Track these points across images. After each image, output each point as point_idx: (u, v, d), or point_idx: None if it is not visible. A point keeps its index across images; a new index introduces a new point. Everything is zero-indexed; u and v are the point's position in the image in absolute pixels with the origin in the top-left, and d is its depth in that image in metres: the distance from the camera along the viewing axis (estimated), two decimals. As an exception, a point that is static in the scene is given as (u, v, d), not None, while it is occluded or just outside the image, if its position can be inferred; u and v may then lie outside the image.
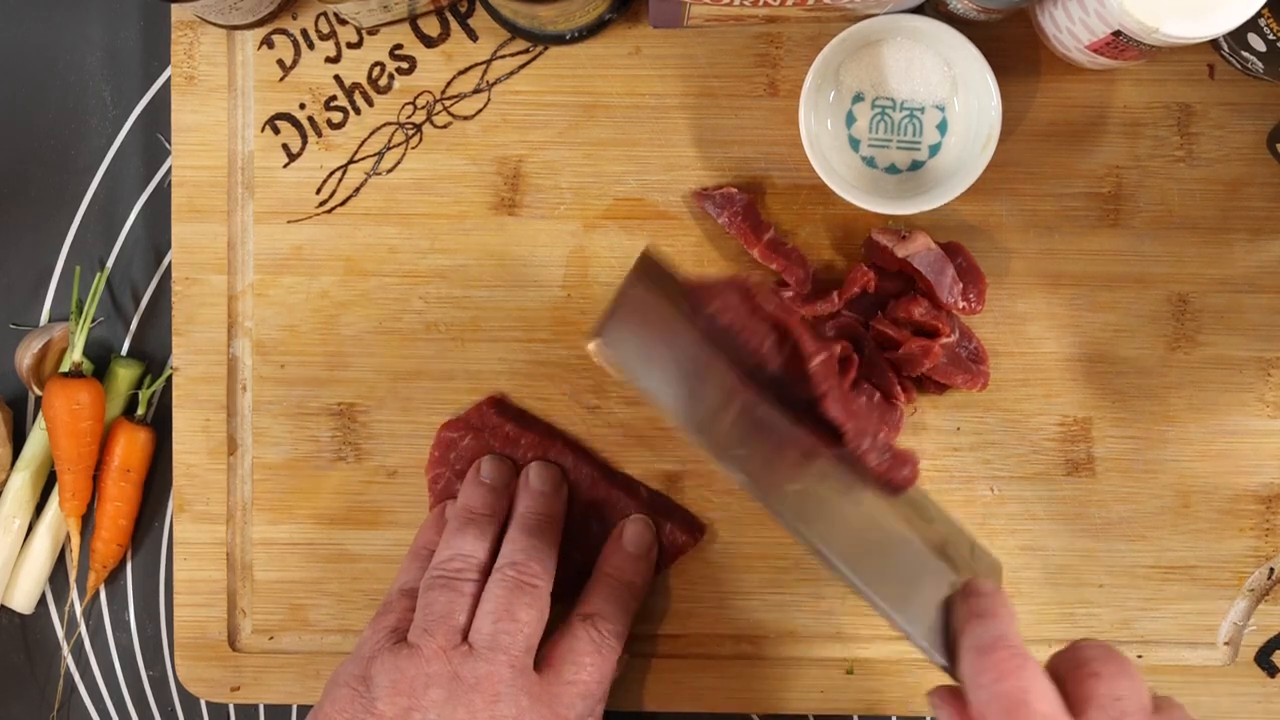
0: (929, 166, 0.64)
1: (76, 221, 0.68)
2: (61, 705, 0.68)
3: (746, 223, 0.63)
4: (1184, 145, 0.65)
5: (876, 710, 0.66)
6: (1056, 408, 0.65)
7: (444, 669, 0.55)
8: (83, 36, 0.67)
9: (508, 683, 0.55)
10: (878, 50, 0.63)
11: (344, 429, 0.66)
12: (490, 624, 0.56)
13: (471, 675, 0.55)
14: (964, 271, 0.63)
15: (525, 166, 0.65)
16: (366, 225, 0.65)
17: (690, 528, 0.65)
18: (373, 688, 0.55)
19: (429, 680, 0.55)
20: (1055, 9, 0.60)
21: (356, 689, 0.55)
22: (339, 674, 0.57)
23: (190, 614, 0.66)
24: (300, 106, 0.65)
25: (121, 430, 0.66)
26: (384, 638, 0.57)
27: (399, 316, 0.65)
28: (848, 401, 0.56)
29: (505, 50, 0.65)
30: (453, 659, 0.55)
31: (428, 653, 0.55)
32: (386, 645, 0.56)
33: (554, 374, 0.65)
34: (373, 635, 0.58)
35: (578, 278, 0.65)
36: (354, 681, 0.56)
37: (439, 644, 0.56)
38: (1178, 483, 0.65)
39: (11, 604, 0.67)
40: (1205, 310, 0.65)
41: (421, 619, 0.57)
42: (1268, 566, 0.65)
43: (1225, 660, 0.66)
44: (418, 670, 0.55)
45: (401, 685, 0.55)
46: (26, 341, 0.66)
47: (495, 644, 0.55)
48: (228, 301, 0.65)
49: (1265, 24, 0.57)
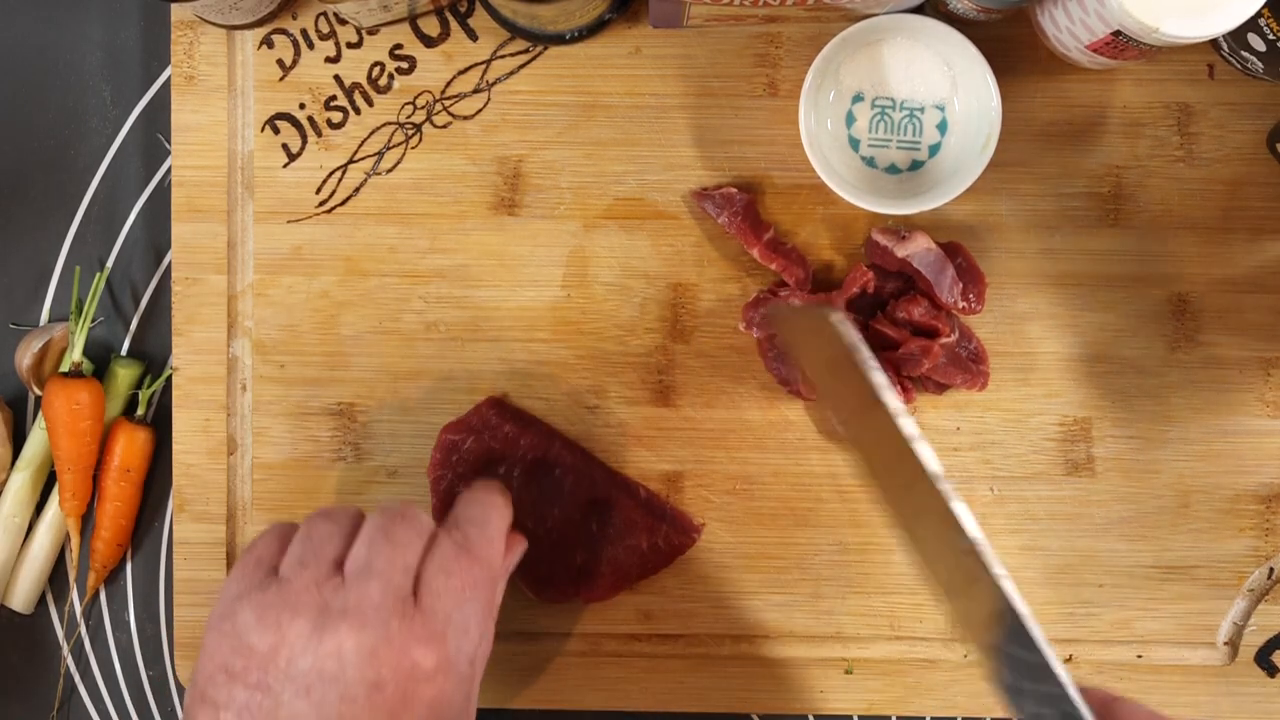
0: (929, 166, 0.64)
1: (76, 221, 0.68)
2: (61, 705, 0.68)
3: (746, 223, 0.63)
4: (1184, 145, 0.65)
5: (876, 710, 0.66)
6: (1056, 408, 0.65)
7: (313, 600, 0.51)
8: (83, 36, 0.67)
9: (375, 606, 0.51)
10: (878, 50, 0.63)
11: (344, 429, 0.66)
12: (365, 548, 0.53)
13: (341, 604, 0.51)
14: (964, 271, 0.63)
15: (525, 166, 0.65)
16: (366, 225, 0.65)
17: (687, 528, 0.65)
18: (239, 625, 0.51)
19: (295, 611, 0.51)
20: (1055, 9, 0.60)
21: (223, 629, 0.52)
22: (210, 620, 0.53)
23: (190, 614, 0.66)
24: (300, 106, 0.65)
25: (121, 430, 0.66)
26: (250, 571, 0.53)
27: (399, 316, 0.65)
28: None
29: (505, 50, 0.65)
30: (325, 590, 0.51)
31: (298, 585, 0.52)
32: (255, 581, 0.53)
33: (554, 374, 0.65)
34: (239, 571, 0.54)
35: (578, 278, 0.65)
36: (220, 623, 0.52)
37: (311, 575, 0.52)
38: (1178, 483, 0.65)
39: (11, 604, 0.67)
40: (1205, 310, 0.65)
41: (296, 551, 0.53)
42: (1268, 566, 0.65)
43: (1225, 660, 0.66)
44: (284, 602, 0.51)
45: (268, 618, 0.51)
46: (26, 341, 0.66)
47: (368, 569, 0.52)
48: (228, 301, 0.65)
49: (1265, 24, 0.57)
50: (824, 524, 0.65)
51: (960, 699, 0.66)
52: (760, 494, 0.65)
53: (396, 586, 0.52)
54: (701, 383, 0.65)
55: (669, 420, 0.65)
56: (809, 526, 0.65)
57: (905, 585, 0.65)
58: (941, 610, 0.65)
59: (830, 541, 0.65)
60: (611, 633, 0.66)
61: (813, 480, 0.65)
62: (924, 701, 0.66)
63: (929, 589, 0.51)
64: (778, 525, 0.65)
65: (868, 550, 0.65)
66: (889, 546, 0.65)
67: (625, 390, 0.65)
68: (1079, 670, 0.65)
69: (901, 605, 0.65)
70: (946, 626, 0.65)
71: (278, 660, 0.50)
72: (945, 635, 0.66)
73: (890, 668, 0.65)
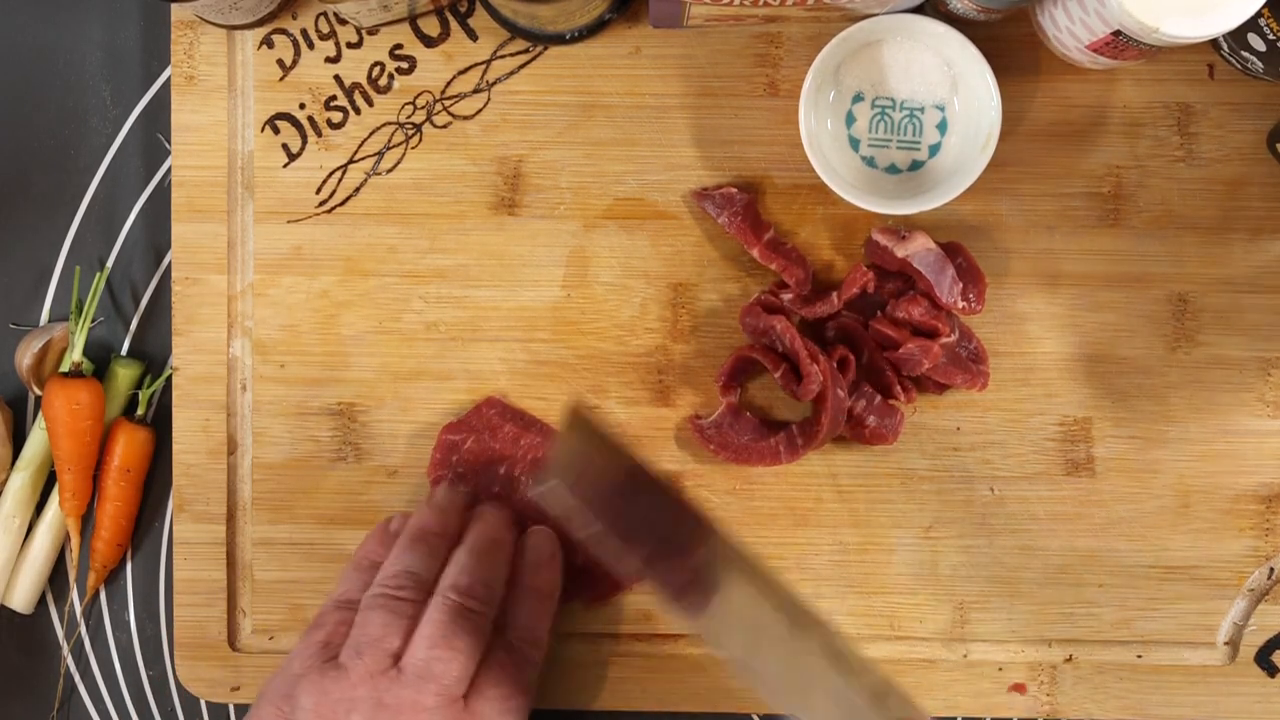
0: (929, 166, 0.64)
1: (76, 221, 0.68)
2: (61, 705, 0.68)
3: (746, 223, 0.63)
4: (1184, 145, 0.65)
5: (876, 710, 0.66)
6: (1056, 408, 0.65)
7: (369, 694, 0.54)
8: (83, 36, 0.67)
9: (430, 710, 0.54)
10: (878, 50, 0.63)
11: (344, 429, 0.66)
12: (425, 650, 0.55)
13: (395, 702, 0.53)
14: (964, 271, 0.63)
15: (525, 166, 0.65)
16: (366, 225, 0.65)
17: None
18: (296, 708, 0.54)
19: (352, 705, 0.54)
20: (1055, 9, 0.60)
21: (281, 708, 0.54)
22: (267, 689, 0.56)
23: (190, 614, 0.66)
24: (300, 106, 0.65)
25: (121, 430, 0.66)
26: (314, 654, 0.56)
27: (399, 316, 0.65)
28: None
29: (505, 50, 0.65)
30: (379, 684, 0.54)
31: (355, 676, 0.54)
32: (315, 664, 0.55)
33: (554, 374, 0.65)
34: (303, 650, 0.57)
35: (578, 278, 0.65)
36: (279, 700, 0.55)
37: (367, 667, 0.54)
38: (1178, 483, 0.65)
39: (11, 604, 0.67)
40: (1205, 310, 0.65)
41: (356, 639, 0.55)
42: (1268, 566, 0.65)
43: (1225, 660, 0.66)
44: (342, 694, 0.54)
45: (324, 708, 0.54)
46: (26, 341, 0.66)
47: (427, 672, 0.54)
48: (227, 301, 0.65)
49: (1265, 24, 0.57)
50: (824, 524, 0.65)
51: (960, 699, 0.66)
52: (760, 494, 0.65)
53: (452, 695, 0.54)
54: (701, 383, 0.65)
55: (669, 420, 0.65)
56: (809, 526, 0.65)
57: (905, 585, 0.65)
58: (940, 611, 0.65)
59: (830, 541, 0.65)
60: (611, 633, 0.66)
61: (813, 480, 0.65)
62: (924, 701, 0.66)
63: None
64: (778, 525, 0.65)
65: (868, 550, 0.65)
66: (889, 546, 0.65)
67: (625, 390, 0.65)
68: (1079, 670, 0.65)
69: (901, 605, 0.65)
70: (946, 626, 0.65)
71: None
72: (945, 635, 0.66)
73: (890, 668, 0.65)
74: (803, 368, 0.61)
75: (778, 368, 0.62)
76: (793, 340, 0.61)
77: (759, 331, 0.63)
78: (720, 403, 0.64)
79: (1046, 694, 0.65)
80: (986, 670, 0.65)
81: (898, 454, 0.65)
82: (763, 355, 0.63)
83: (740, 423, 0.64)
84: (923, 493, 0.65)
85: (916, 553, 0.65)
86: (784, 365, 0.63)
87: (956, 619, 0.65)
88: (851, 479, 0.65)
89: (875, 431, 0.63)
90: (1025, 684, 0.65)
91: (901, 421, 0.64)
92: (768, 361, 0.62)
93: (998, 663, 0.65)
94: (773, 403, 0.65)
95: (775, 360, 0.63)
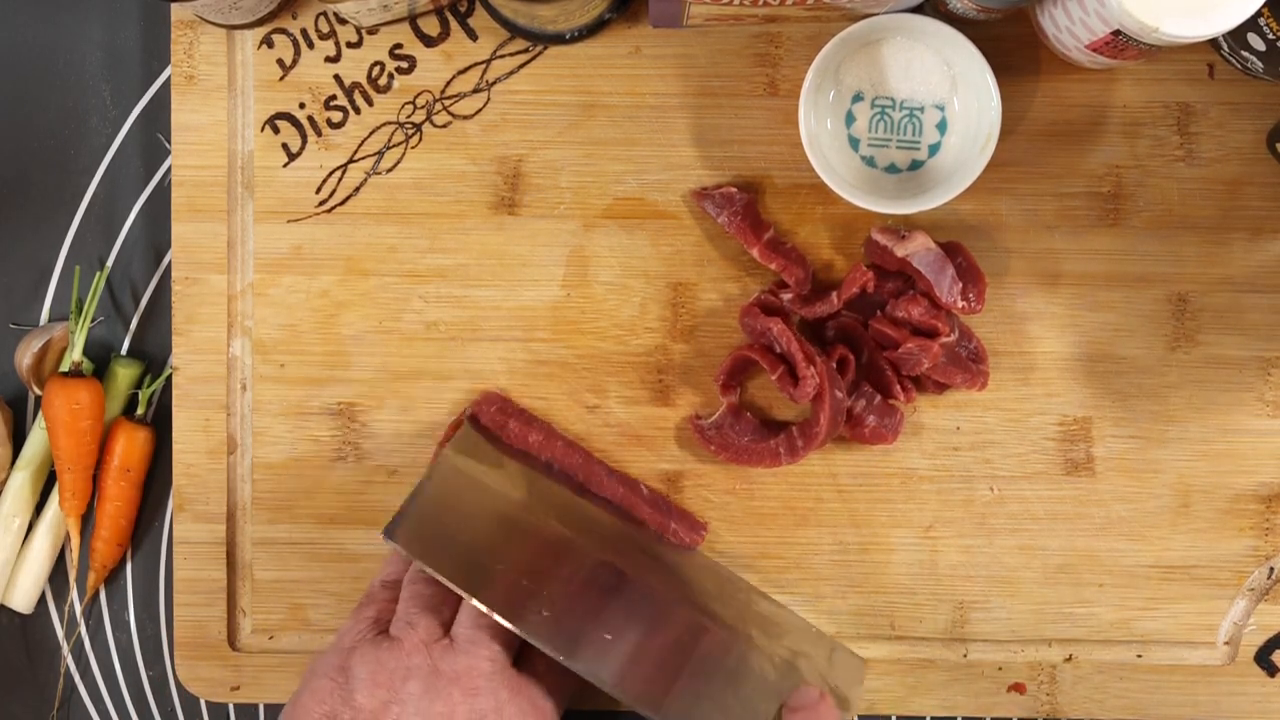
0: (929, 166, 0.64)
1: (76, 221, 0.68)
2: (61, 705, 0.68)
3: (746, 222, 0.63)
4: (1184, 145, 0.65)
5: (876, 710, 0.66)
6: (1056, 407, 0.65)
7: (424, 662, 0.55)
8: (83, 36, 0.67)
9: (487, 676, 0.55)
10: (877, 50, 0.63)
11: (344, 429, 0.66)
12: (473, 619, 0.56)
13: (451, 669, 0.55)
14: (964, 271, 0.63)
15: (525, 166, 0.65)
16: (366, 225, 0.65)
17: (692, 527, 0.65)
18: (351, 679, 0.55)
19: (408, 673, 0.55)
20: (1055, 9, 0.60)
21: (335, 679, 0.55)
22: (318, 664, 0.57)
23: (190, 614, 0.66)
24: (300, 106, 0.65)
25: (121, 430, 0.66)
26: (365, 628, 0.57)
27: (399, 316, 0.65)
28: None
29: (505, 50, 0.65)
30: (433, 652, 0.55)
31: (409, 645, 0.55)
32: (367, 636, 0.56)
33: (554, 374, 0.65)
34: (354, 625, 0.58)
35: (577, 277, 0.65)
36: (333, 672, 0.56)
37: (420, 637, 0.56)
38: (1178, 483, 0.65)
39: (11, 604, 0.67)
40: (1205, 310, 0.65)
41: (405, 611, 0.57)
42: (1268, 566, 0.65)
43: (1225, 660, 0.66)
44: (398, 663, 0.55)
45: (380, 677, 0.55)
46: (26, 341, 0.66)
47: (477, 638, 0.55)
48: (227, 301, 0.65)
49: (1265, 24, 0.57)
50: (824, 524, 0.65)
51: (960, 699, 0.66)
52: (760, 494, 0.65)
53: (504, 661, 0.56)
54: (701, 382, 0.65)
55: (669, 420, 0.65)
56: (809, 526, 0.65)
57: (905, 585, 0.65)
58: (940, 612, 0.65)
59: (830, 541, 0.65)
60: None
61: (813, 480, 0.65)
62: (924, 701, 0.66)
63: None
64: (778, 525, 0.65)
65: (868, 550, 0.65)
66: (889, 546, 0.65)
67: (625, 390, 0.65)
68: (1079, 670, 0.65)
69: (901, 605, 0.65)
70: (946, 626, 0.65)
71: (387, 718, 0.54)
72: (945, 635, 0.66)
73: (890, 668, 0.65)
74: (799, 370, 0.61)
75: (775, 369, 0.62)
76: (789, 343, 0.61)
77: (758, 332, 0.63)
78: (720, 402, 0.64)
79: (1046, 694, 0.65)
80: (986, 670, 0.66)
81: (898, 454, 0.65)
82: (761, 356, 0.63)
83: (740, 423, 0.64)
84: (923, 492, 0.65)
85: (916, 552, 0.65)
86: (782, 367, 0.63)
87: (956, 618, 0.65)
88: (851, 479, 0.65)
89: (875, 431, 0.63)
90: (1025, 684, 0.65)
91: (901, 421, 0.64)
92: (766, 362, 0.62)
93: (997, 662, 0.66)
94: (773, 402, 0.65)
95: (773, 361, 0.63)
